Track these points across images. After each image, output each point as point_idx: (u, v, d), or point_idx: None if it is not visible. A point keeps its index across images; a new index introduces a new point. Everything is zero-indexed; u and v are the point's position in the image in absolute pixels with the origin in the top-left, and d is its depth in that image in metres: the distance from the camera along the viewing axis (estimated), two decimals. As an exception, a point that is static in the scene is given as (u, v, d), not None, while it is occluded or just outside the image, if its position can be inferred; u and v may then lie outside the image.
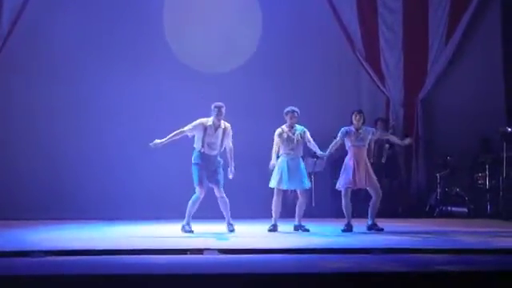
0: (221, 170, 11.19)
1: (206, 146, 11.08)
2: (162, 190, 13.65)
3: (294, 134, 11.23)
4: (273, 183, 11.28)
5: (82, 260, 8.19)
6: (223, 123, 11.22)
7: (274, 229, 11.23)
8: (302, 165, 11.31)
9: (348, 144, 11.19)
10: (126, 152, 13.80)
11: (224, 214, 11.20)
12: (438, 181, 14.23)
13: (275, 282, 6.95)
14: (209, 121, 11.17)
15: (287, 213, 13.42)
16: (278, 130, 11.29)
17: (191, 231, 10.95)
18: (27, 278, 6.97)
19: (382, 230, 11.00)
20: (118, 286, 6.84)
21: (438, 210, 14.16)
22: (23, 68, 14.28)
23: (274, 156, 11.25)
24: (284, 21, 14.59)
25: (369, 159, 11.34)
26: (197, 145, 11.16)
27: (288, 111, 11.30)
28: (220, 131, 11.18)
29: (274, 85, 14.48)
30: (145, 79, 14.20)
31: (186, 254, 8.64)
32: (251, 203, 13.68)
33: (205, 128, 11.11)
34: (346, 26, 14.88)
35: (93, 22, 14.32)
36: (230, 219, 11.17)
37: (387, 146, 14.24)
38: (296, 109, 11.29)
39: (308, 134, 11.29)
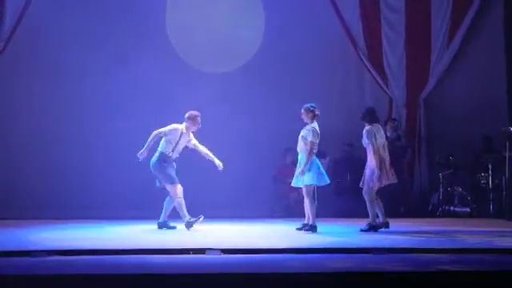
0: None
1: (175, 151, 11.34)
2: (165, 190, 13.66)
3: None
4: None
5: (85, 260, 8.20)
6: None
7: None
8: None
9: None
10: (130, 151, 13.77)
11: (166, 208, 11.40)
12: (441, 180, 14.22)
13: (278, 282, 6.95)
14: (183, 127, 11.37)
15: (290, 213, 13.46)
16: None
17: (198, 219, 11.14)
18: (30, 277, 6.98)
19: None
20: (121, 286, 6.85)
21: (440, 209, 14.15)
22: (26, 68, 14.31)
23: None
24: (286, 20, 14.59)
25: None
26: (165, 148, 11.32)
27: None
28: (187, 138, 11.44)
29: (276, 85, 14.49)
30: (148, 79, 14.22)
31: (188, 253, 8.65)
32: (253, 203, 13.70)
33: (180, 133, 11.32)
34: (348, 25, 14.88)
35: (95, 22, 14.34)
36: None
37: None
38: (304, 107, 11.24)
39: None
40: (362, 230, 10.96)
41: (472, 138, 14.50)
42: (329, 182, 11.11)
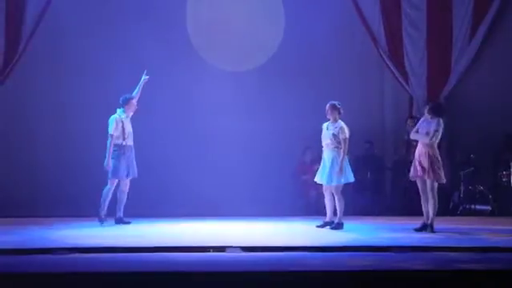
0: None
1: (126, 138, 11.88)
2: (181, 187, 13.68)
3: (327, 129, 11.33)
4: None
5: (106, 257, 8.24)
6: None
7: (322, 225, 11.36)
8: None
9: None
10: (146, 149, 13.81)
11: (120, 204, 11.89)
12: (462, 179, 14.14)
13: (298, 280, 6.96)
14: (121, 114, 11.89)
15: (310, 211, 13.43)
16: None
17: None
18: (51, 275, 7.03)
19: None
20: (141, 283, 6.88)
21: (461, 208, 14.09)
22: (46, 66, 14.39)
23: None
24: (306, 19, 14.56)
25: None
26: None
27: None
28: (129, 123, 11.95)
29: (294, 83, 14.48)
30: (167, 77, 14.24)
31: (209, 251, 8.68)
32: (272, 201, 13.69)
33: (121, 121, 11.82)
34: (369, 23, 14.81)
35: (117, 20, 14.37)
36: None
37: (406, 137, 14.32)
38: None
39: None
40: (415, 230, 10.91)
41: (493, 135, 14.40)
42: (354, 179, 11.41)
